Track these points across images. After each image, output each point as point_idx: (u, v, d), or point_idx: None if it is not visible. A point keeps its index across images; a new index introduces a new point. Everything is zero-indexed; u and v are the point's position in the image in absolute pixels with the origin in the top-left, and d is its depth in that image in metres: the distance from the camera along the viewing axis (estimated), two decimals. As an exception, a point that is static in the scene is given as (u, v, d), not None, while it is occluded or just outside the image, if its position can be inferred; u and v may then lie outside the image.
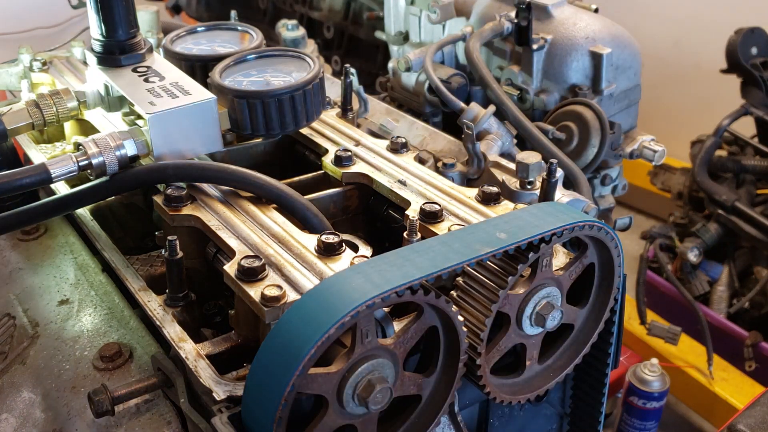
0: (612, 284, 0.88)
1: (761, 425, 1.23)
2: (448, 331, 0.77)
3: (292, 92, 1.02)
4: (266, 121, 1.01)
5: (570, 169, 1.23)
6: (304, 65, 1.09)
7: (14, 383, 0.84)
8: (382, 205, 1.03)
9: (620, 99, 1.44)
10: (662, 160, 1.40)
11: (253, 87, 1.04)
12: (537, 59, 1.40)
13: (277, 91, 1.01)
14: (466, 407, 0.93)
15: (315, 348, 0.63)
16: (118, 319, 0.90)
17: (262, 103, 1.00)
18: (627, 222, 1.47)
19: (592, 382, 0.99)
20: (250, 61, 1.11)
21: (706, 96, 3.24)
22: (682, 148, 2.71)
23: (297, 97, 1.02)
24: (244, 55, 1.11)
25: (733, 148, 2.57)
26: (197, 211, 0.93)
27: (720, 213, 2.37)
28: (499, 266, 0.79)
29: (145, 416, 0.79)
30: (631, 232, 1.84)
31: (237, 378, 0.76)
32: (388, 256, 0.71)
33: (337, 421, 0.72)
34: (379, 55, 2.51)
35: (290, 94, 1.02)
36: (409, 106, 1.57)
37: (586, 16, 1.43)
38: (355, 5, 2.59)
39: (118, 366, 0.83)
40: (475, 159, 1.18)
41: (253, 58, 1.12)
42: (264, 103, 1.00)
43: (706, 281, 2.45)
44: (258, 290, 0.76)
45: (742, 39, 2.35)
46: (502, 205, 0.96)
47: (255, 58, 1.12)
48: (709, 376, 2.23)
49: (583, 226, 0.80)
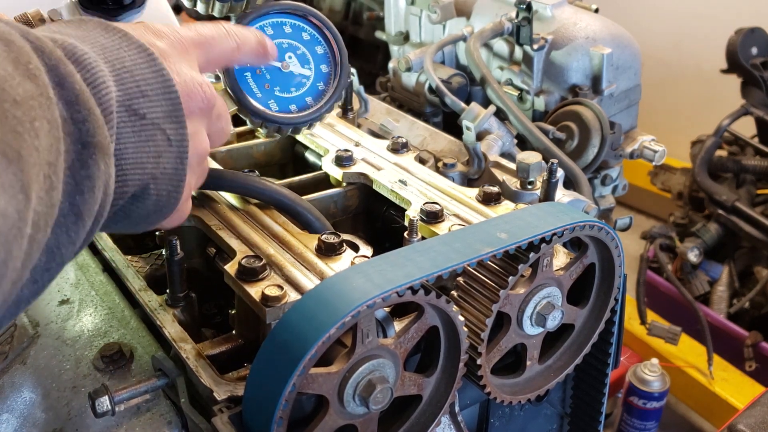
0: (612, 284, 0.89)
1: (761, 425, 1.23)
2: (448, 331, 0.77)
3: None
4: None
5: (570, 169, 1.23)
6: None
7: (14, 383, 0.83)
8: (383, 205, 1.03)
9: (620, 99, 1.44)
10: (662, 160, 1.40)
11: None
12: (537, 59, 1.40)
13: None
14: (467, 407, 0.93)
15: (316, 348, 0.63)
16: (118, 319, 0.90)
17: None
18: (627, 222, 1.47)
19: (593, 382, 0.99)
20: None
21: (706, 96, 3.24)
22: (682, 148, 2.71)
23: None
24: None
25: (733, 148, 2.57)
26: (197, 211, 0.93)
27: (720, 213, 2.37)
28: (500, 266, 0.79)
29: (145, 416, 0.79)
30: (632, 232, 1.84)
31: (237, 378, 0.76)
32: (388, 256, 0.71)
33: (337, 421, 0.72)
34: (379, 55, 2.51)
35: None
36: (410, 106, 1.57)
37: (586, 16, 1.43)
38: (355, 5, 2.59)
39: (118, 366, 0.83)
40: (476, 159, 1.18)
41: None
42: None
43: (706, 281, 2.45)
44: (258, 290, 0.76)
45: (742, 39, 2.35)
46: (503, 205, 0.96)
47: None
48: (709, 376, 2.23)
49: (583, 226, 0.80)
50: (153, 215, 0.71)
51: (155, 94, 0.65)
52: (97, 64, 0.60)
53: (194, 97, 0.70)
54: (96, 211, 0.59)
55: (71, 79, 0.56)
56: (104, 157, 0.58)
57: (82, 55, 0.59)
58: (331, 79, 0.95)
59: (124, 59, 0.64)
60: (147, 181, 0.66)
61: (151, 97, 0.65)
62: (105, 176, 0.59)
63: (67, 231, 0.56)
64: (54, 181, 0.52)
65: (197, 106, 0.71)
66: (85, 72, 0.59)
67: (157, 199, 0.68)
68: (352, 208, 1.06)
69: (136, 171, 0.65)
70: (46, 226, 0.53)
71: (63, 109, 0.55)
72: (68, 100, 0.56)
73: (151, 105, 0.65)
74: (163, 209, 0.71)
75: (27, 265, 0.52)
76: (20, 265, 0.50)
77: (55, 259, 0.56)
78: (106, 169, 0.59)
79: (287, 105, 0.92)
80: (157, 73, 0.66)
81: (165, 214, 0.72)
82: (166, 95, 0.66)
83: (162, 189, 0.68)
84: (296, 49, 0.93)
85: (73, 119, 0.56)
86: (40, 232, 0.52)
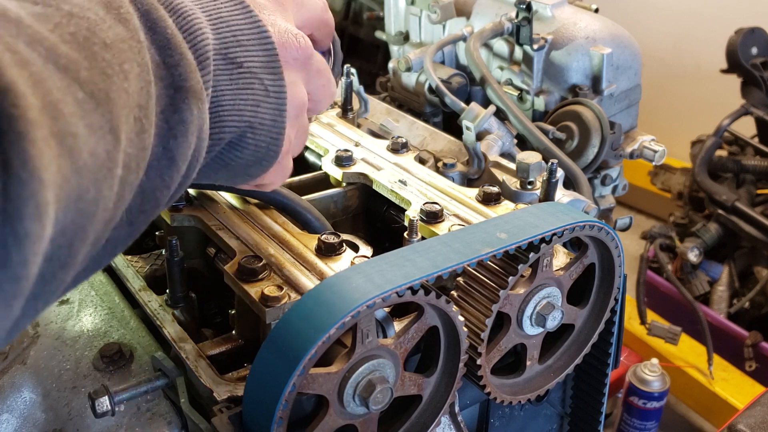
0: (612, 284, 0.88)
1: (761, 425, 1.23)
2: (448, 331, 0.77)
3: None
4: None
5: (570, 169, 1.23)
6: None
7: (14, 383, 0.83)
8: (383, 205, 1.03)
9: (620, 99, 1.44)
10: (662, 160, 1.40)
11: None
12: (537, 59, 1.40)
13: None
14: (467, 407, 0.93)
15: (315, 348, 0.63)
16: (118, 319, 0.90)
17: None
18: (627, 222, 1.47)
19: (593, 382, 0.99)
20: None
21: (706, 96, 3.24)
22: (682, 148, 2.71)
23: None
24: None
25: (733, 148, 2.57)
26: (197, 212, 0.93)
27: (720, 213, 2.37)
28: (500, 266, 0.79)
29: (145, 416, 0.79)
30: (631, 232, 1.84)
31: (237, 378, 0.76)
32: (388, 256, 0.71)
33: (337, 421, 0.72)
34: (379, 55, 2.51)
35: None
36: (410, 106, 1.57)
37: (586, 16, 1.43)
38: (355, 5, 2.59)
39: (118, 366, 0.83)
40: (476, 159, 1.18)
41: None
42: None
43: (706, 281, 2.45)
44: (258, 290, 0.76)
45: (742, 39, 2.35)
46: (503, 205, 0.96)
47: None
48: (709, 376, 2.23)
49: (583, 226, 0.80)
50: (253, 166, 0.71)
51: (252, 45, 0.66)
52: (193, 12, 0.61)
53: (289, 48, 0.70)
54: (190, 156, 0.59)
55: (163, 24, 0.57)
56: (197, 102, 0.58)
57: (178, 3, 0.60)
58: None
59: (220, 10, 0.65)
60: (244, 129, 0.66)
61: (248, 47, 0.65)
62: (199, 121, 0.59)
63: (161, 174, 0.57)
64: (145, 123, 0.53)
65: (292, 56, 0.71)
66: (181, 19, 0.60)
67: (256, 150, 0.69)
68: (352, 208, 1.06)
69: (233, 117, 0.65)
70: (138, 168, 0.53)
71: (155, 53, 0.56)
72: (160, 44, 0.56)
73: (248, 54, 0.65)
74: (263, 161, 0.71)
75: (120, 206, 0.52)
76: (112, 206, 0.50)
77: (150, 201, 0.57)
78: (200, 113, 0.59)
79: None
80: (252, 24, 0.66)
81: (265, 166, 0.72)
82: (262, 46, 0.67)
83: (261, 139, 0.68)
84: None
85: (165, 63, 0.56)
86: (131, 173, 0.52)
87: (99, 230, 0.50)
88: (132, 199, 0.54)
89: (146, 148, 0.54)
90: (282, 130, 0.70)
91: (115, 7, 0.53)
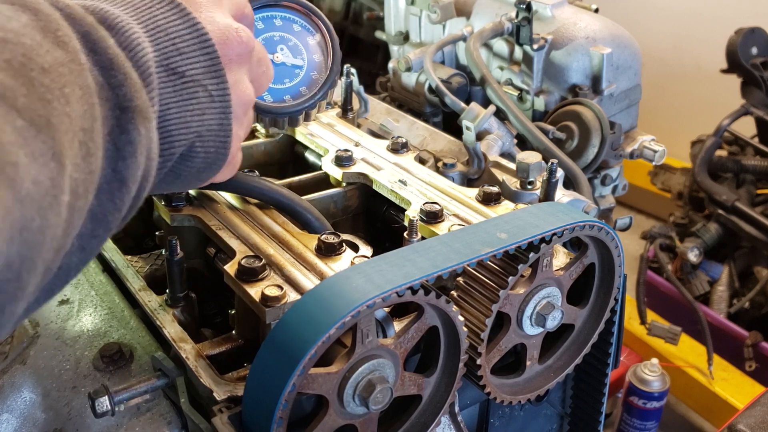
0: (612, 284, 0.88)
1: (761, 425, 1.23)
2: (448, 331, 0.77)
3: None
4: None
5: (570, 169, 1.23)
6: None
7: (14, 383, 0.83)
8: (382, 205, 1.03)
9: (620, 99, 1.44)
10: (662, 160, 1.40)
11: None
12: (537, 59, 1.40)
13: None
14: (467, 407, 0.93)
15: (315, 348, 0.63)
16: (118, 319, 0.90)
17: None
18: (627, 222, 1.47)
19: (593, 382, 0.99)
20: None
21: (706, 96, 3.24)
22: (682, 148, 2.71)
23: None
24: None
25: (733, 148, 2.57)
26: (197, 212, 0.93)
27: (720, 213, 2.37)
28: (500, 266, 0.79)
29: (145, 416, 0.79)
30: (631, 232, 1.84)
31: (237, 378, 0.76)
32: (388, 256, 0.71)
33: (337, 421, 0.72)
34: (379, 55, 2.51)
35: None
36: (410, 106, 1.57)
37: (586, 16, 1.43)
38: (355, 5, 2.59)
39: (118, 366, 0.83)
40: (476, 159, 1.18)
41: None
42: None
43: (706, 281, 2.45)
44: (258, 290, 0.76)
45: (742, 39, 2.35)
46: (503, 205, 0.96)
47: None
48: (709, 376, 2.23)
49: (583, 226, 0.80)
50: (204, 172, 0.71)
51: (191, 51, 0.65)
52: (131, 27, 0.60)
53: (231, 44, 0.69)
54: (140, 177, 0.59)
55: (104, 44, 0.56)
56: (144, 122, 0.58)
57: (115, 19, 0.59)
58: (324, 67, 0.96)
59: (156, 17, 0.64)
60: (193, 140, 0.66)
61: (188, 54, 0.64)
62: (147, 141, 0.58)
63: (111, 197, 0.56)
64: (91, 147, 0.52)
65: (235, 53, 0.70)
66: (120, 36, 0.58)
67: (206, 157, 0.69)
68: (352, 208, 1.06)
69: (181, 131, 0.64)
70: (87, 192, 0.52)
71: (98, 74, 0.55)
72: (103, 65, 0.55)
73: (189, 62, 0.64)
74: (213, 165, 0.71)
75: (70, 233, 0.51)
76: (61, 233, 0.49)
77: (102, 225, 0.56)
78: (147, 133, 0.58)
79: (281, 96, 0.93)
80: (190, 27, 0.65)
81: (215, 169, 0.72)
82: (202, 50, 0.66)
83: (209, 146, 0.68)
84: (288, 41, 0.94)
85: (109, 84, 0.55)
86: (80, 199, 0.51)
87: (49, 259, 0.49)
88: (83, 225, 0.53)
89: (94, 172, 0.53)
90: (229, 133, 0.69)
91: (52, 31, 0.51)
